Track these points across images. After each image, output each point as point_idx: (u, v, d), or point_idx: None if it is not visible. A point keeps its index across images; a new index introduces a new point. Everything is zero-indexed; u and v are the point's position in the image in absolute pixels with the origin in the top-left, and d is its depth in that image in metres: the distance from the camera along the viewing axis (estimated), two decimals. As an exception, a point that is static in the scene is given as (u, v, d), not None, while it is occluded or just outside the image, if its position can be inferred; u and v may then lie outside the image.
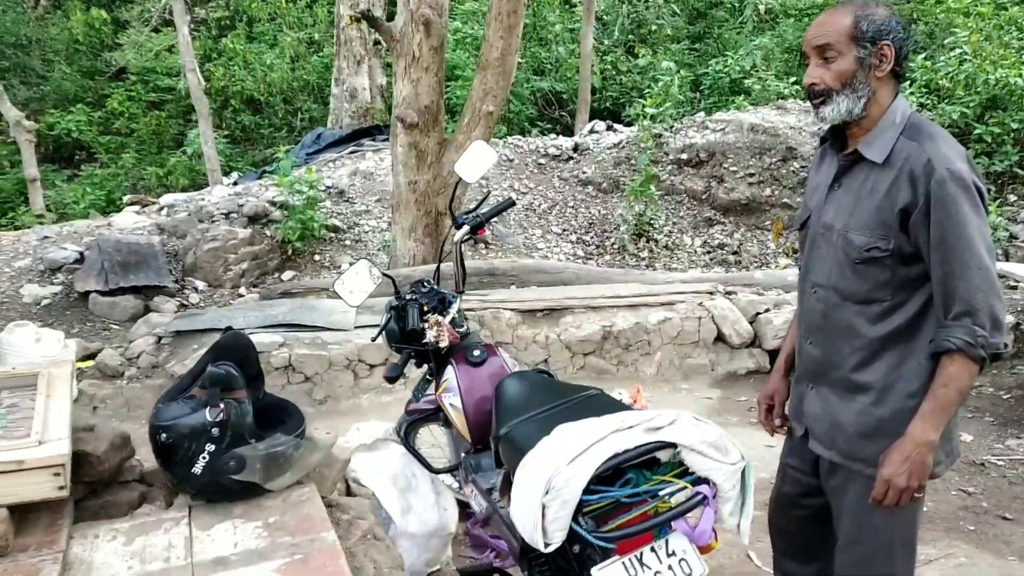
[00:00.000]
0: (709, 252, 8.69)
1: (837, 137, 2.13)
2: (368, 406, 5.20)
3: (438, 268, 3.27)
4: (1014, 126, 7.95)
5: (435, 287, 3.14)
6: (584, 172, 9.49)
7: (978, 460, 4.38)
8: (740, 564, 3.52)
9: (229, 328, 2.24)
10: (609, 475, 2.04)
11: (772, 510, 2.44)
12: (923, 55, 9.64)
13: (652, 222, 8.52)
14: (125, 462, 2.19)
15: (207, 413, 1.97)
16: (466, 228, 3.18)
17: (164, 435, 1.99)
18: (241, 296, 7.37)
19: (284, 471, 2.01)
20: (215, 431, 1.96)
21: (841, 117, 2.01)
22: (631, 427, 2.07)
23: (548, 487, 2.01)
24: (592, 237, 8.75)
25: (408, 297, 2.99)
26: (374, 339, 3.00)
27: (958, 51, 8.68)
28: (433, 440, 3.73)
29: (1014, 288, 6.18)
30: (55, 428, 1.93)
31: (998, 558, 3.46)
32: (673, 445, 2.04)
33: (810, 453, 2.23)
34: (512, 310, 5.74)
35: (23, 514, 1.94)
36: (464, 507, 3.39)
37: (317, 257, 8.08)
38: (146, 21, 14.84)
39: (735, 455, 2.08)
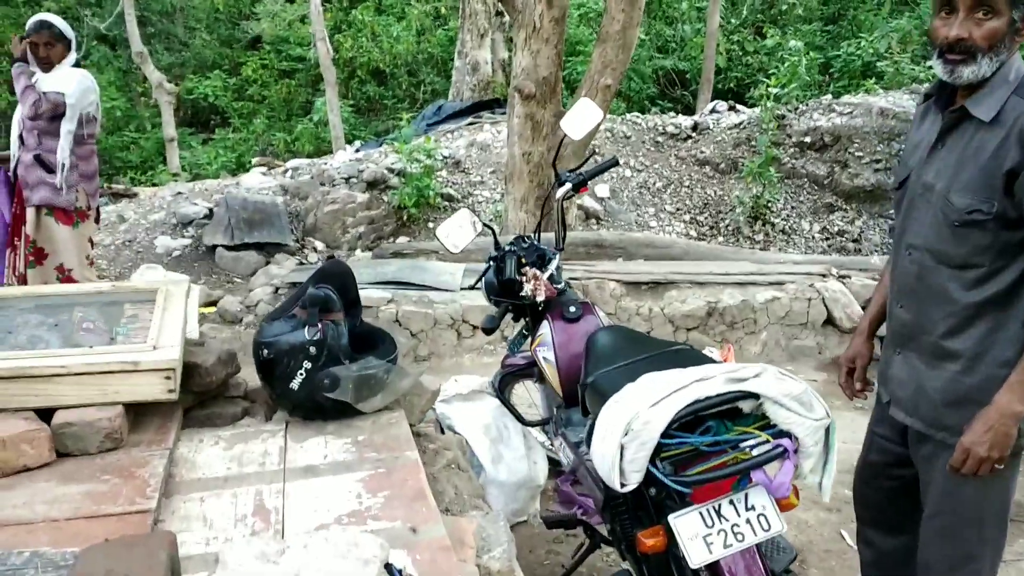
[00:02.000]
0: (828, 239, 8.44)
1: (943, 92, 2.02)
2: (470, 365, 5.31)
3: (539, 224, 3.32)
4: None
5: (535, 243, 3.18)
6: (702, 152, 9.35)
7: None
8: (831, 541, 3.46)
9: (331, 256, 2.35)
10: (690, 422, 2.05)
11: (858, 479, 2.39)
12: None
13: (770, 205, 8.33)
14: (231, 377, 2.35)
15: (306, 332, 2.08)
16: (568, 185, 3.20)
17: (266, 351, 2.12)
18: (356, 257, 7.62)
19: (375, 393, 2.10)
20: (312, 349, 2.07)
21: (977, 79, 1.87)
22: (714, 377, 2.07)
23: (628, 428, 2.03)
24: (706, 218, 8.62)
25: (507, 249, 3.04)
26: (472, 286, 3.08)
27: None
28: (530, 398, 3.80)
29: None
30: (168, 336, 2.09)
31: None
32: (756, 396, 2.03)
33: (899, 422, 2.17)
34: (617, 281, 5.74)
35: (138, 414, 2.11)
36: (555, 464, 3.45)
37: (431, 224, 8.26)
38: (282, -9, 15.43)
39: (820, 411, 2.04)
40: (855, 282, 5.70)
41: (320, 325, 2.09)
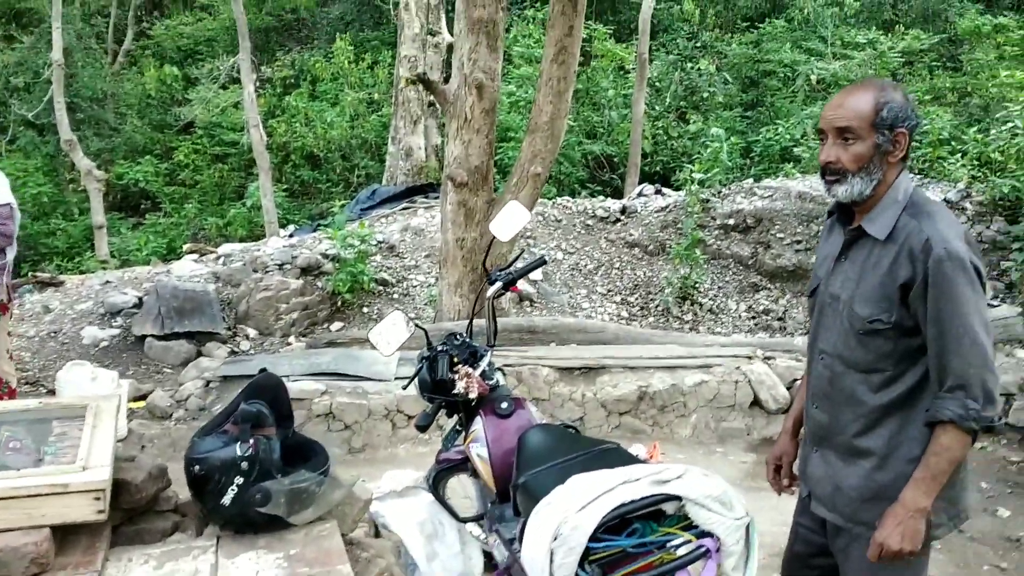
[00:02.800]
0: (754, 317, 8.69)
1: (844, 210, 2.21)
2: (405, 456, 5.31)
3: (471, 322, 3.39)
4: (1066, 199, 7.88)
5: (467, 340, 3.25)
6: (631, 234, 9.60)
7: (1014, 536, 4.30)
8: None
9: (264, 369, 2.38)
10: (617, 525, 2.12)
11: (784, 569, 2.49)
12: (975, 128, 9.63)
13: (697, 285, 8.57)
14: (161, 492, 2.34)
15: (238, 448, 2.10)
16: (498, 284, 3.30)
17: (197, 467, 2.13)
18: (290, 344, 7.58)
19: (307, 506, 2.12)
20: (244, 465, 2.09)
21: (851, 197, 2.07)
22: (639, 479, 2.15)
23: (557, 533, 2.09)
24: (637, 299, 8.82)
25: (439, 348, 3.10)
26: (404, 387, 3.12)
27: (1010, 124, 8.66)
28: (464, 492, 3.81)
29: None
30: (98, 456, 2.08)
31: (1028, 636, 3.40)
32: (679, 498, 2.11)
33: (813, 517, 2.30)
34: (550, 367, 5.83)
35: (65, 535, 2.07)
36: (490, 557, 3.45)
37: (366, 309, 8.28)
38: (215, 78, 15.53)
39: (740, 510, 2.14)
40: (779, 364, 5.89)
41: (252, 441, 2.11)
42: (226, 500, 2.09)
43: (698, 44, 15.25)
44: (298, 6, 18.42)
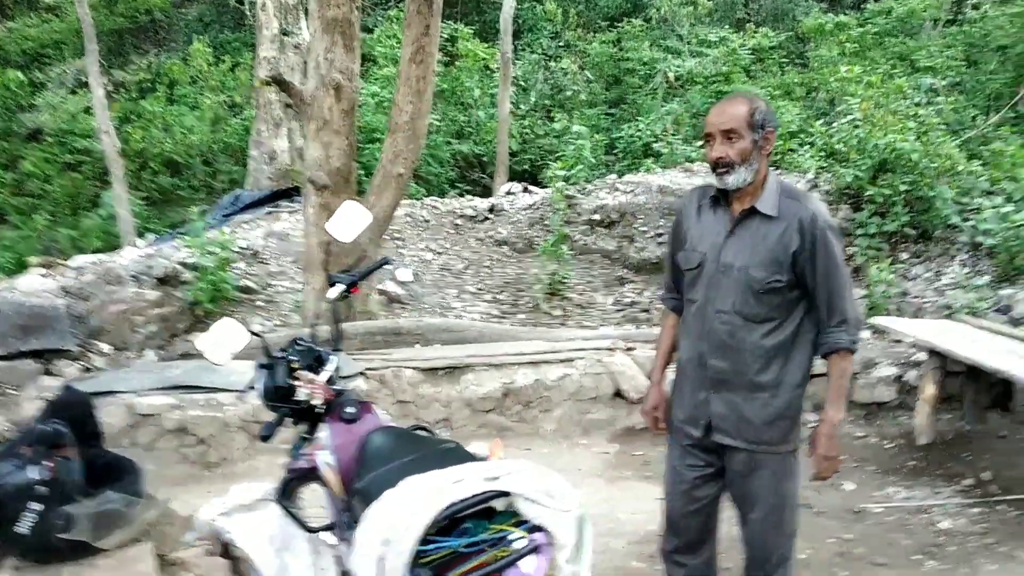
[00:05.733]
0: (621, 310, 8.85)
1: (722, 197, 2.69)
2: (265, 468, 5.13)
3: (314, 326, 3.31)
4: (903, 188, 8.33)
5: (311, 345, 3.16)
6: (500, 233, 9.64)
7: (856, 508, 4.51)
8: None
9: (68, 387, 2.23)
10: (448, 525, 2.09)
11: (668, 508, 2.89)
12: (821, 121, 10.10)
13: (565, 281, 8.66)
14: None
15: (32, 471, 1.96)
16: (340, 287, 3.23)
17: (-12, 494, 1.97)
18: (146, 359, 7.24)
19: (116, 529, 2.00)
20: (41, 489, 1.95)
21: (739, 184, 2.58)
22: (469, 477, 2.13)
23: (386, 537, 2.04)
24: (507, 296, 8.85)
25: (277, 355, 3.00)
26: (239, 397, 3.00)
27: (851, 117, 9.12)
28: (316, 501, 3.71)
29: (898, 343, 6.44)
30: None
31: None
32: (508, 493, 2.10)
33: (701, 453, 2.75)
34: (414, 368, 5.77)
35: None
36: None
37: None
38: (63, 83, 14.71)
39: (570, 503, 2.14)
40: (639, 354, 6.00)
41: (51, 463, 1.97)
42: (22, 528, 1.94)
43: (561, 43, 15.48)
44: (152, 7, 17.65)
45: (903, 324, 6.09)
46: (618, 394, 5.81)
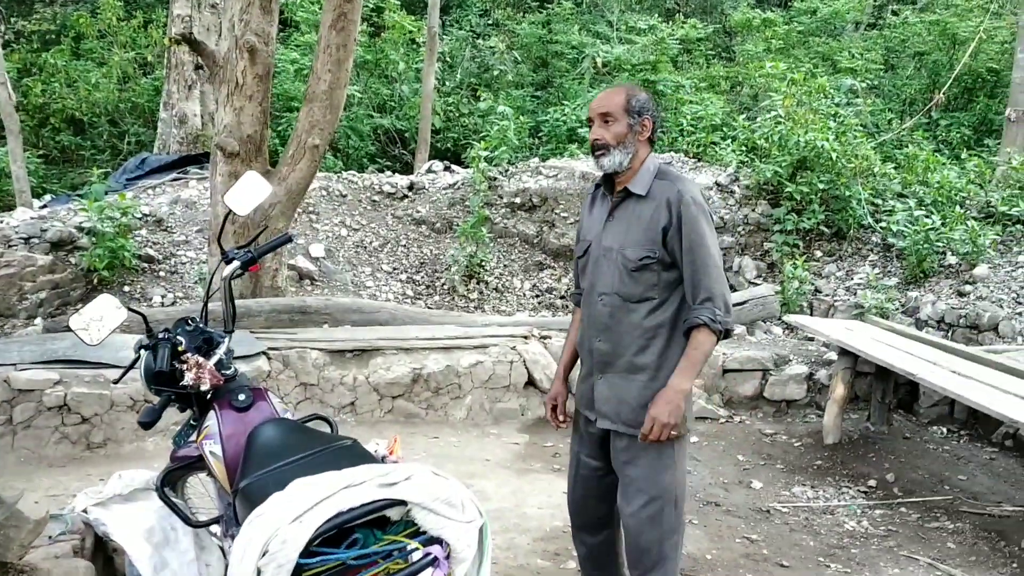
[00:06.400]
0: (538, 296, 8.74)
1: (607, 184, 2.77)
2: (153, 450, 4.85)
3: (205, 305, 3.07)
4: (821, 186, 8.42)
5: (200, 325, 2.92)
6: (418, 211, 9.40)
7: (764, 507, 4.49)
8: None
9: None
10: (337, 535, 1.90)
11: (571, 494, 2.97)
12: (744, 116, 10.15)
13: (483, 264, 8.50)
14: None
15: None
16: (236, 264, 3.01)
17: None
18: (36, 327, 6.81)
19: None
20: None
21: (614, 167, 2.67)
22: (363, 483, 1.94)
23: (265, 548, 1.84)
24: (423, 277, 8.64)
25: (160, 336, 2.75)
26: (116, 382, 2.75)
27: (774, 114, 9.17)
28: (204, 491, 3.47)
29: (810, 340, 6.48)
30: None
31: (771, 607, 3.52)
32: (404, 502, 1.92)
33: (597, 440, 2.79)
34: (320, 350, 5.52)
35: None
36: (232, 562, 3.15)
37: (127, 288, 7.60)
38: (-44, 29, 13.79)
39: (471, 512, 1.98)
40: (554, 343, 5.89)
41: None
42: None
43: (490, 22, 15.22)
44: (60, -47, 16.68)
45: (815, 322, 6.13)
46: (531, 383, 5.68)
